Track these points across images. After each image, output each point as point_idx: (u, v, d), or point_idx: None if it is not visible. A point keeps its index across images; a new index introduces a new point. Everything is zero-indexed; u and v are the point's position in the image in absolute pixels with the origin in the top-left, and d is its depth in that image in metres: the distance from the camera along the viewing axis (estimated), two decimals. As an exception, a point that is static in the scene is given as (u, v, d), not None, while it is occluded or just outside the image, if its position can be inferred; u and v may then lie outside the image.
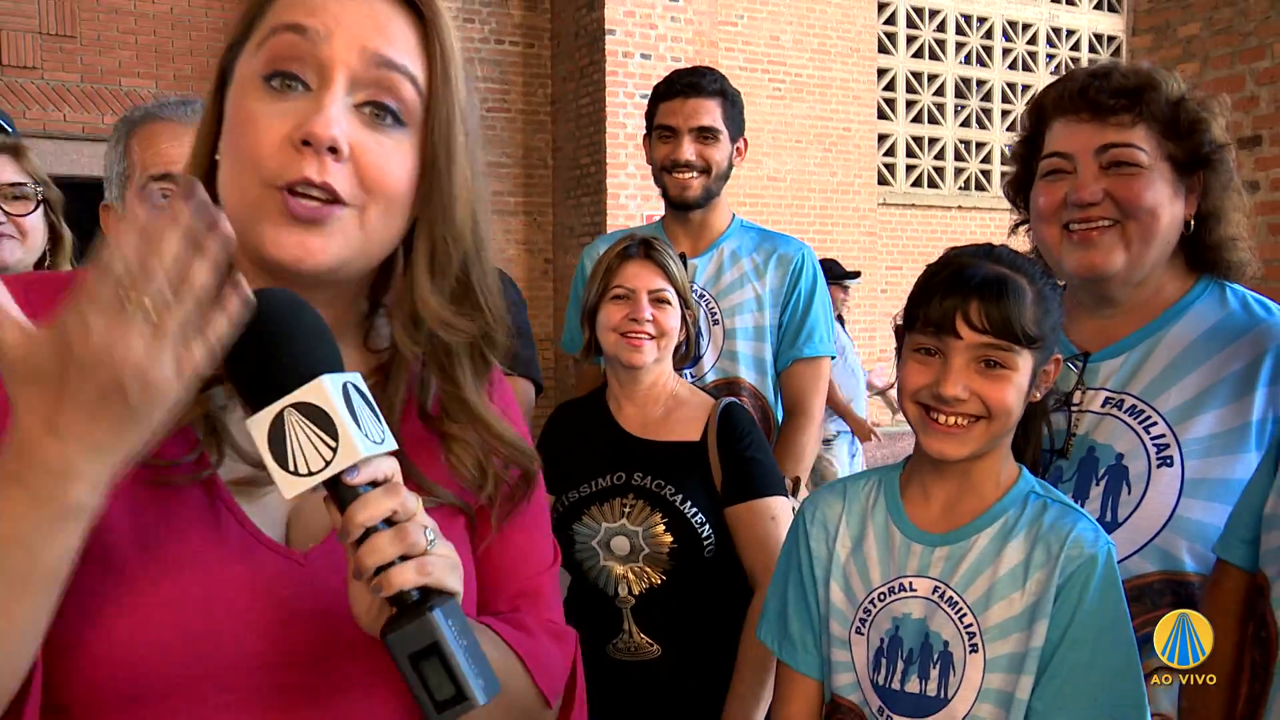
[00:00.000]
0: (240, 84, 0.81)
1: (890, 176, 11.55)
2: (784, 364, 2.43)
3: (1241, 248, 1.46)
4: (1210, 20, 3.94)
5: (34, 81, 7.89)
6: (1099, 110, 1.40)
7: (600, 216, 8.33)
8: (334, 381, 0.71)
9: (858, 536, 1.35)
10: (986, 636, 1.22)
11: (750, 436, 1.87)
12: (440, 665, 0.69)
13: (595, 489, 1.85)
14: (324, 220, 0.79)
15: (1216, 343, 1.40)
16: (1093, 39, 12.59)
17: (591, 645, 1.78)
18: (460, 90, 0.86)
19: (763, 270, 2.41)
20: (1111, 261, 1.40)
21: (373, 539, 0.70)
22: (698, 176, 2.39)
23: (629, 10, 8.29)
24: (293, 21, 0.79)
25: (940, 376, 1.22)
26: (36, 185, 1.95)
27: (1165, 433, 1.39)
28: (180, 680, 0.75)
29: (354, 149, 0.79)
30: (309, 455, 0.70)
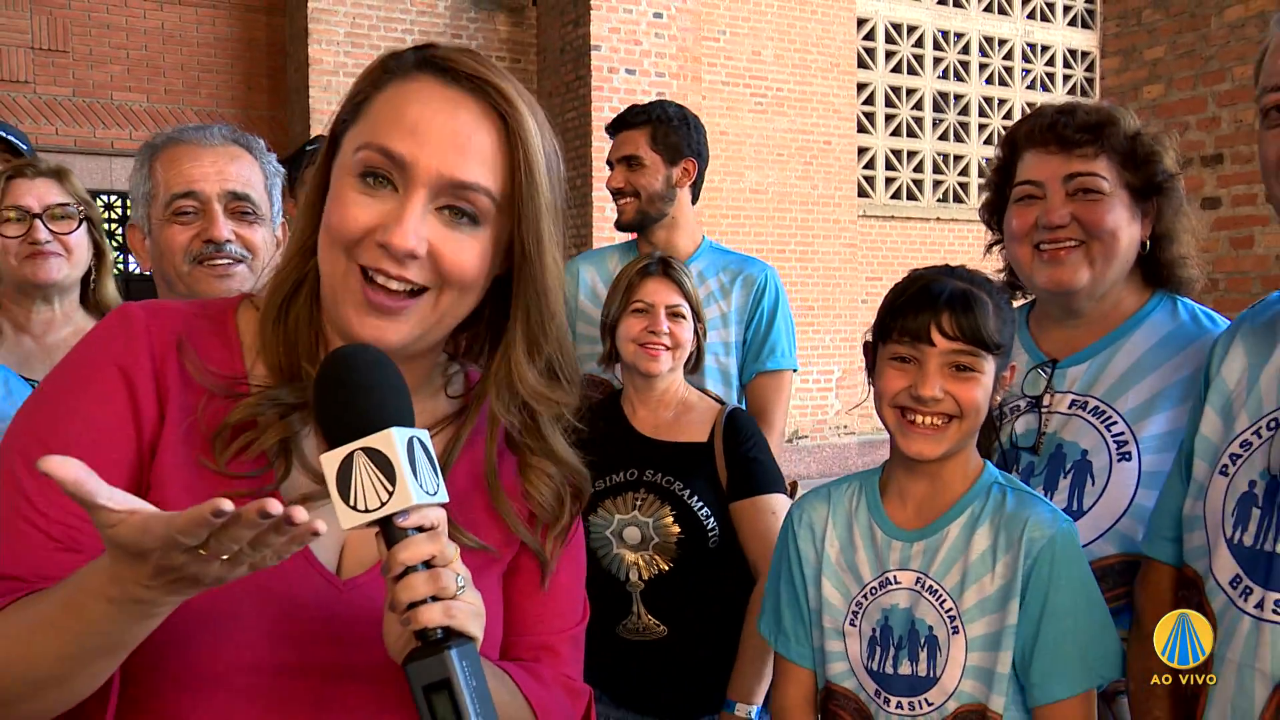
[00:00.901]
0: (342, 167, 0.92)
1: (870, 189, 11.69)
2: (748, 376, 2.60)
3: (1191, 265, 1.62)
4: (1174, 44, 4.12)
5: (26, 96, 7.98)
6: (1066, 143, 1.55)
7: (586, 229, 8.47)
8: (401, 435, 0.81)
9: (845, 537, 1.48)
10: (965, 618, 1.35)
11: (753, 439, 2.02)
12: (448, 700, 0.79)
13: (610, 484, 1.99)
14: (399, 311, 0.90)
15: (1169, 350, 1.56)
16: (1067, 55, 12.77)
17: (603, 626, 1.90)
18: (544, 188, 0.94)
19: (728, 289, 2.58)
20: (1078, 277, 1.55)
21: (410, 577, 0.79)
22: (629, 201, 2.57)
23: (614, 27, 8.45)
24: (384, 147, 0.89)
25: (917, 380, 1.35)
26: (78, 205, 2.06)
27: (1124, 430, 1.54)
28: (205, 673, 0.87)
29: (432, 245, 0.89)
30: (368, 495, 0.80)
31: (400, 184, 0.89)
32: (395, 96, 0.91)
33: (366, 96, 0.94)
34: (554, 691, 1.02)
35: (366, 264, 0.89)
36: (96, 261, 2.12)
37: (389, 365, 0.85)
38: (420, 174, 0.88)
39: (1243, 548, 1.18)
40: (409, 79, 0.92)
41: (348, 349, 0.86)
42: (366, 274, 0.89)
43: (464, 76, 0.91)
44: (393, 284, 0.89)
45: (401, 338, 0.91)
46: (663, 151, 2.56)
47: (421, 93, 0.91)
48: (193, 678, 0.87)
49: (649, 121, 2.57)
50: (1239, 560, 1.18)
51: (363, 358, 0.84)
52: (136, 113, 8.39)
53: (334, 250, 0.90)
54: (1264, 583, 1.14)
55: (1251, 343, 1.31)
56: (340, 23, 8.44)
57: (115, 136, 8.30)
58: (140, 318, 0.92)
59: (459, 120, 0.91)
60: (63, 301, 2.07)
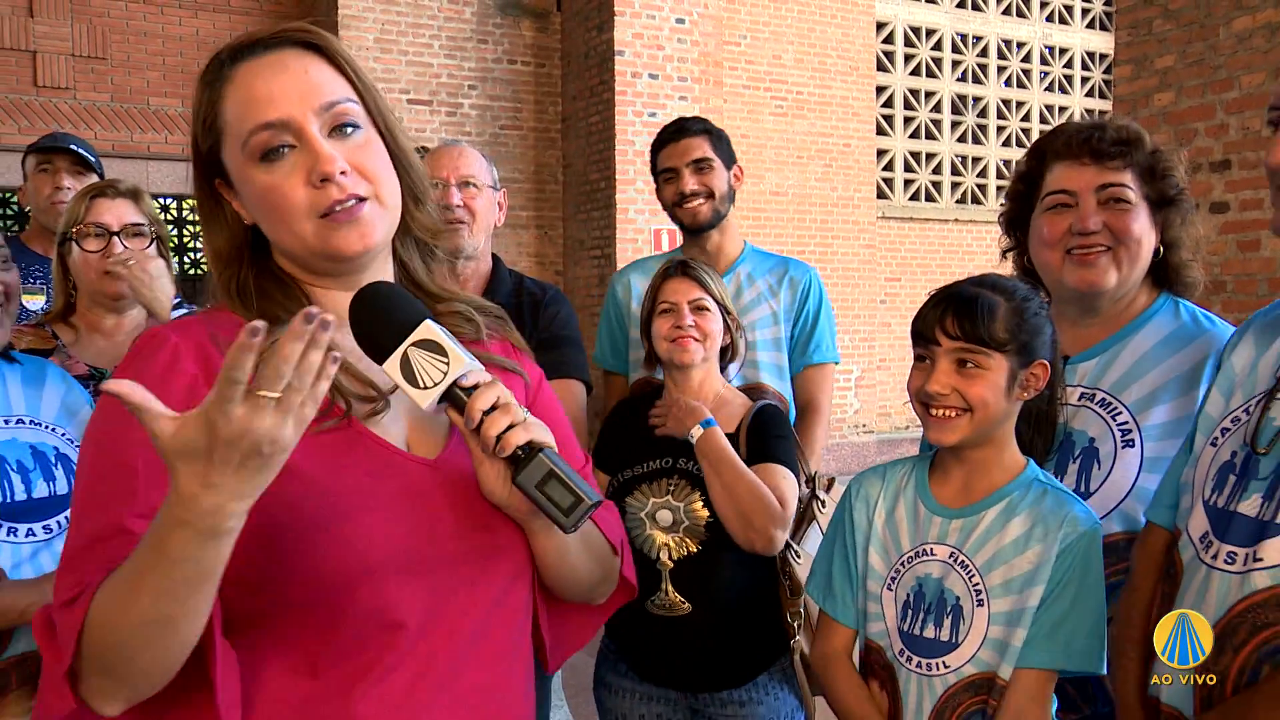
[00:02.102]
0: (242, 170, 1.08)
1: (889, 190, 11.76)
2: (796, 370, 2.78)
3: (1195, 270, 1.78)
4: (1184, 53, 4.24)
5: (67, 101, 8.18)
6: (1099, 156, 1.70)
7: (610, 230, 8.60)
8: (434, 323, 1.03)
9: (892, 509, 1.62)
10: (991, 594, 1.48)
11: (779, 429, 2.17)
12: (559, 484, 1.01)
13: (646, 470, 2.14)
14: (360, 215, 1.08)
15: (1170, 348, 1.70)
16: (1085, 57, 12.83)
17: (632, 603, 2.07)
18: (373, 87, 1.14)
19: (776, 290, 2.76)
20: (1107, 279, 1.70)
21: (490, 418, 1.01)
22: (704, 202, 2.71)
23: (637, 32, 8.57)
24: (259, 123, 1.05)
25: (928, 377, 1.51)
26: (151, 225, 2.24)
27: (1129, 420, 1.68)
28: (384, 562, 1.04)
29: (348, 161, 1.07)
30: (432, 373, 1.02)
31: (295, 138, 1.06)
32: (235, 93, 1.07)
33: (215, 114, 1.09)
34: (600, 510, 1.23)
35: (324, 208, 1.06)
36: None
37: (394, 286, 1.08)
38: (300, 119, 1.06)
39: (1215, 508, 1.32)
40: (234, 75, 1.08)
41: (365, 287, 1.06)
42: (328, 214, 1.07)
43: (266, 42, 1.10)
44: (348, 201, 1.07)
45: (379, 234, 1.11)
46: (723, 157, 2.74)
47: (250, 72, 1.07)
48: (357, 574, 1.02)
49: (707, 130, 2.75)
50: (1210, 518, 1.32)
51: (377, 288, 1.05)
52: (172, 117, 8.59)
53: (292, 221, 1.07)
54: (1222, 537, 1.29)
55: (1259, 335, 1.44)
56: (369, 29, 8.60)
57: (151, 140, 8.50)
58: (169, 334, 1.09)
59: (290, 68, 1.08)
60: (132, 307, 2.25)
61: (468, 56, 9.02)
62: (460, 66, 8.98)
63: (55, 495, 1.68)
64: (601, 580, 1.27)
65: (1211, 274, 2.00)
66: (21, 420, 1.71)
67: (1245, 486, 1.29)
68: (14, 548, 1.59)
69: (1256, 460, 1.28)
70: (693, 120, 2.81)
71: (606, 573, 1.27)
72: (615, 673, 2.22)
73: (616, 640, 2.21)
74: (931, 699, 1.50)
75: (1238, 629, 1.23)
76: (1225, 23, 4.11)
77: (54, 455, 1.72)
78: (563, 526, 1.02)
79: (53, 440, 1.74)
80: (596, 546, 1.22)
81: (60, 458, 1.73)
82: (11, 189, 8.35)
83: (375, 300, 1.04)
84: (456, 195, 2.35)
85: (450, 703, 1.08)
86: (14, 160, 7.89)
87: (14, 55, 8.00)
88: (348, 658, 1.04)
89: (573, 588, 1.24)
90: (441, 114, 8.88)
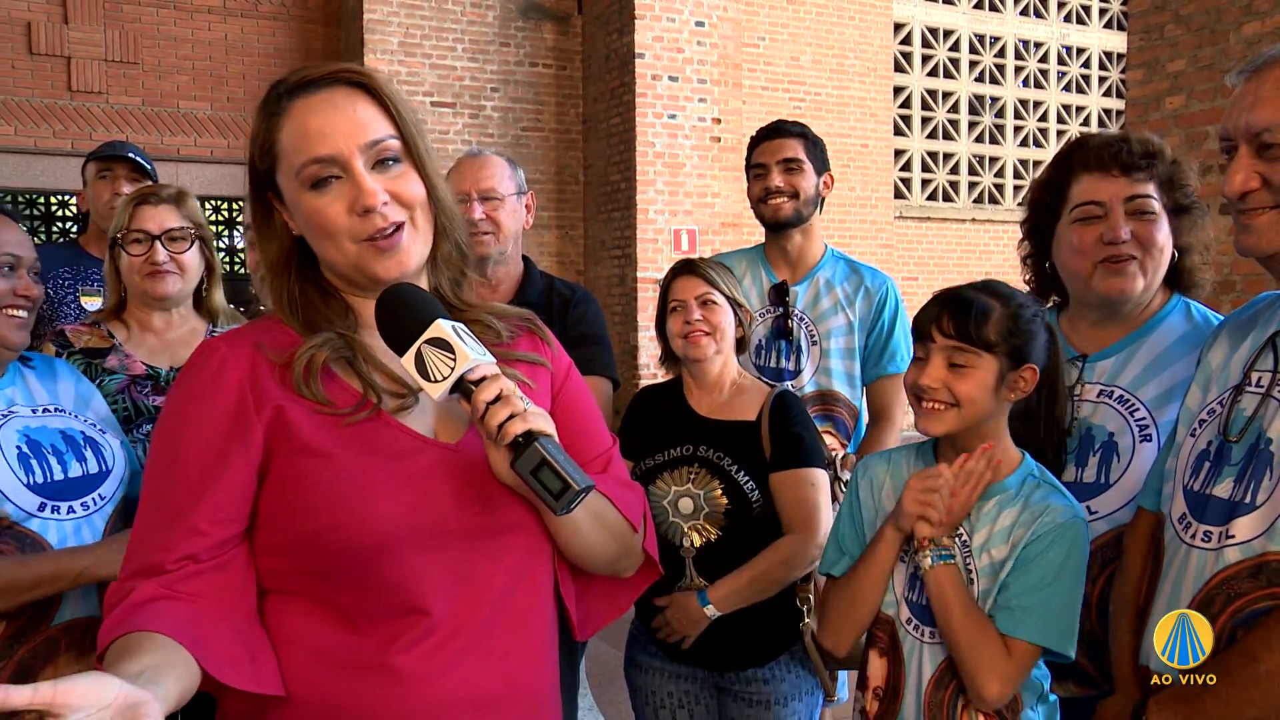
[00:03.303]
0: (295, 194, 1.22)
1: (906, 191, 11.85)
2: (869, 379, 2.88)
3: (1205, 273, 1.89)
4: (1195, 58, 4.33)
5: (100, 105, 8.37)
6: (1128, 168, 1.79)
7: (630, 231, 8.71)
8: (445, 322, 1.16)
9: (898, 489, 1.72)
10: (979, 573, 1.59)
11: (797, 417, 2.25)
12: (550, 471, 1.12)
13: (668, 458, 2.25)
14: (399, 243, 1.21)
15: (1185, 348, 1.80)
16: (1103, 57, 12.86)
17: (660, 586, 2.13)
18: (412, 112, 1.26)
19: (853, 299, 2.85)
20: (1135, 286, 1.79)
21: (492, 409, 1.13)
22: (788, 201, 2.82)
23: (657, 35, 8.68)
24: (311, 157, 1.19)
25: (922, 371, 1.62)
26: (192, 228, 2.35)
27: (1146, 416, 1.78)
28: (403, 535, 1.19)
29: (388, 190, 1.20)
30: (441, 369, 1.14)
31: (341, 171, 1.19)
32: (290, 125, 1.20)
33: (271, 140, 1.23)
34: (617, 487, 1.36)
35: (367, 236, 1.20)
36: (208, 274, 2.42)
37: (415, 287, 1.21)
38: (347, 155, 1.19)
39: (1192, 492, 1.44)
40: (290, 108, 1.21)
41: (388, 289, 1.19)
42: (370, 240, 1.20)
43: (320, 80, 1.22)
44: (388, 229, 1.20)
45: (414, 260, 1.24)
46: (814, 162, 2.84)
47: (305, 108, 1.20)
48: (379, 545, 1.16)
49: (803, 134, 2.86)
50: (1188, 502, 1.44)
51: (399, 289, 1.19)
52: (202, 120, 8.76)
53: (337, 242, 1.21)
54: (1199, 518, 1.40)
55: (1232, 334, 1.55)
56: (394, 33, 8.75)
57: (182, 143, 8.67)
58: (220, 344, 1.24)
59: (340, 107, 1.21)
60: (179, 307, 2.38)
61: (490, 59, 9.15)
62: (483, 69, 9.12)
63: (87, 475, 1.83)
64: (622, 555, 1.38)
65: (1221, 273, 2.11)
66: (48, 409, 1.86)
67: (1219, 471, 1.40)
68: (58, 525, 1.74)
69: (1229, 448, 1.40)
70: (791, 123, 2.92)
71: (626, 549, 1.38)
72: (645, 653, 2.33)
73: (645, 622, 2.32)
74: (932, 665, 1.61)
75: (1214, 600, 1.34)
76: (1235, 28, 4.20)
77: (81, 438, 1.86)
78: (553, 509, 1.14)
79: (78, 425, 1.88)
80: (613, 524, 1.33)
81: (87, 440, 1.87)
82: (46, 190, 8.56)
83: (394, 303, 1.18)
84: (479, 209, 2.45)
85: (478, 660, 1.21)
86: (50, 163, 8.15)
87: (49, 61, 8.19)
88: (382, 621, 1.18)
89: (592, 562, 1.36)
90: (465, 116, 9.02)
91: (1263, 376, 1.39)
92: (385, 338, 1.18)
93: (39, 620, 1.69)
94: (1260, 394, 1.38)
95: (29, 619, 1.68)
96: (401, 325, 1.17)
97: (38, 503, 1.73)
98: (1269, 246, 1.37)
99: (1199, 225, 1.84)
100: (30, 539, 1.69)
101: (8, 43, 8.06)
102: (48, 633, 1.70)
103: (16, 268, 1.81)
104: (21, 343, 1.81)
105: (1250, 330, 1.47)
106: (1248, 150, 1.35)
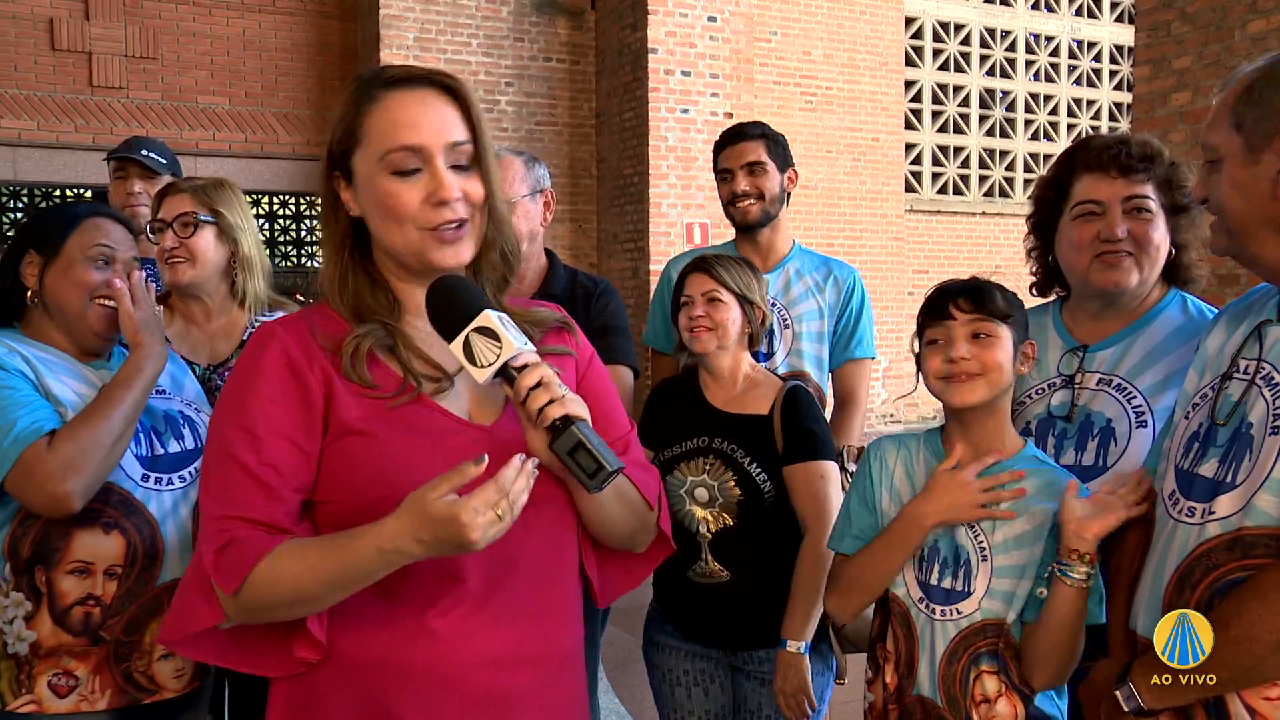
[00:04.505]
0: (373, 176, 1.30)
1: (917, 184, 11.88)
2: (836, 364, 2.98)
3: (1201, 269, 1.98)
4: (1201, 55, 4.39)
5: (120, 100, 8.48)
6: (1126, 170, 1.88)
7: (643, 224, 8.80)
8: (493, 313, 1.24)
9: (907, 472, 1.83)
10: (994, 550, 1.69)
11: (809, 411, 2.32)
12: (585, 453, 1.22)
13: (684, 449, 2.33)
14: (461, 236, 1.31)
15: (1179, 339, 1.89)
16: (1114, 50, 12.88)
17: (676, 570, 2.26)
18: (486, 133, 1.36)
19: (823, 286, 2.95)
20: (1129, 280, 1.89)
21: (534, 394, 1.22)
22: (755, 203, 2.91)
23: (670, 30, 8.76)
24: (401, 144, 1.28)
25: (948, 349, 1.71)
26: (205, 213, 2.35)
27: (1143, 403, 1.87)
28: None
29: (461, 190, 1.30)
30: (488, 355, 1.23)
31: (423, 163, 1.29)
32: (383, 113, 1.29)
33: (358, 123, 1.32)
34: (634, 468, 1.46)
35: (434, 226, 1.29)
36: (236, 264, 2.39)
37: (463, 279, 1.31)
38: (433, 149, 1.29)
39: (1182, 471, 1.52)
40: (384, 97, 1.30)
41: (441, 278, 1.28)
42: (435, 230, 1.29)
43: (415, 78, 1.32)
44: (454, 223, 1.30)
45: (467, 255, 1.34)
46: (777, 161, 2.93)
47: (400, 100, 1.30)
48: None
49: (764, 135, 2.95)
50: (1177, 480, 1.53)
51: (451, 279, 1.29)
52: (220, 115, 8.88)
53: (404, 229, 1.31)
54: (1186, 495, 1.49)
55: (1229, 322, 1.62)
56: (410, 28, 8.84)
57: (200, 138, 8.78)
58: (275, 328, 1.35)
59: (431, 105, 1.31)
60: (211, 298, 2.39)
61: (504, 54, 9.24)
62: (497, 64, 9.21)
63: (185, 450, 1.97)
64: (639, 530, 1.49)
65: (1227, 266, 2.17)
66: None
67: (1206, 452, 1.49)
68: (158, 495, 1.89)
69: (1216, 430, 1.49)
70: (752, 125, 3.01)
71: (643, 524, 1.49)
72: (662, 633, 2.42)
73: (663, 604, 2.41)
74: (945, 640, 1.71)
75: (1194, 570, 1.43)
76: (1241, 25, 4.26)
77: (180, 418, 2.00)
78: (587, 488, 1.24)
79: (177, 405, 2.02)
80: (632, 502, 1.44)
81: (185, 419, 2.00)
82: (67, 184, 8.69)
83: (445, 292, 1.27)
84: None
85: (510, 622, 1.33)
86: (71, 158, 8.28)
87: (71, 56, 8.31)
88: (422, 588, 1.29)
89: (612, 536, 1.47)
90: (479, 110, 9.09)
91: (1249, 364, 1.48)
92: (435, 324, 1.27)
93: (146, 581, 1.84)
94: (1246, 381, 1.47)
95: (137, 580, 1.83)
96: (451, 313, 1.26)
97: (142, 474, 1.88)
98: (1216, 249, 1.51)
99: (1196, 223, 1.92)
100: (135, 505, 1.85)
101: (30, 39, 8.18)
102: (154, 591, 1.86)
103: (112, 261, 1.91)
104: (107, 331, 1.92)
105: (1244, 319, 1.56)
106: (1203, 164, 1.48)
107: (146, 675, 1.86)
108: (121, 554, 1.82)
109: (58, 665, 1.79)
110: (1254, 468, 1.39)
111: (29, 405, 1.75)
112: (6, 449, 1.69)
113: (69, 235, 1.90)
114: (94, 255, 1.89)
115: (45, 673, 1.78)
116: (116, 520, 1.82)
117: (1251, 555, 1.36)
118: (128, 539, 1.82)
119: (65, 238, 1.90)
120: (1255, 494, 1.37)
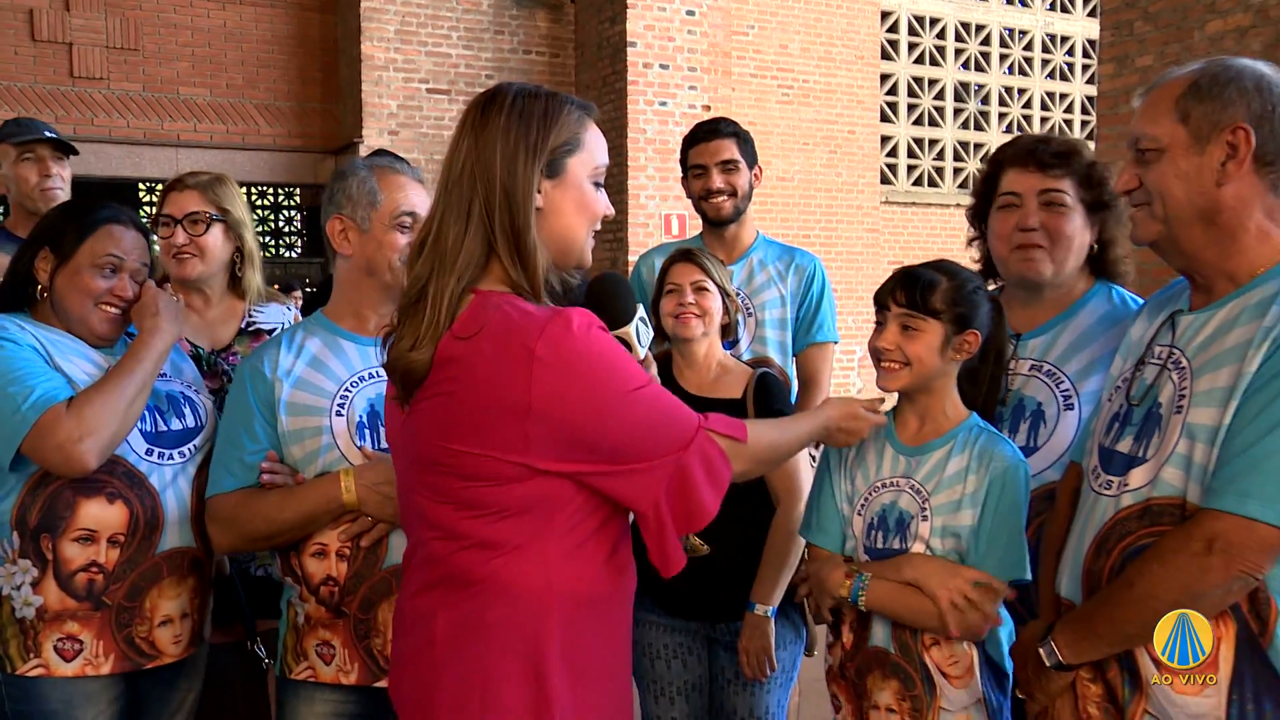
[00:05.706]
0: (583, 181, 1.49)
1: (892, 176, 12.01)
2: (799, 348, 3.08)
3: (1127, 263, 2.10)
4: (1162, 54, 4.53)
5: (101, 91, 8.51)
6: (1043, 165, 2.01)
7: (622, 215, 8.87)
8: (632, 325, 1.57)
9: (863, 447, 1.95)
10: (934, 511, 1.81)
11: (779, 394, 2.46)
12: None
13: None
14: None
15: (1105, 326, 2.01)
16: (1086, 45, 12.99)
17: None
18: None
19: (784, 275, 3.05)
20: (1043, 270, 2.01)
21: None
22: (728, 200, 3.02)
23: (649, 24, 8.86)
24: (604, 164, 1.53)
25: (880, 336, 1.85)
26: (215, 212, 2.44)
27: (1070, 388, 2.00)
28: None
29: None
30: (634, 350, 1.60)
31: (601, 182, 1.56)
32: (594, 135, 1.51)
33: (579, 136, 1.50)
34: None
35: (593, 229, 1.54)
36: (240, 257, 2.51)
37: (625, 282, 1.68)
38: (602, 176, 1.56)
39: (1103, 448, 1.65)
40: (590, 122, 1.51)
41: (599, 277, 1.66)
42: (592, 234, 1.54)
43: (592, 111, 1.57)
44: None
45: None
46: (748, 159, 3.04)
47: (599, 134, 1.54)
48: None
49: (736, 133, 3.06)
50: (1099, 456, 1.66)
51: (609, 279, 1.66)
52: (201, 106, 8.91)
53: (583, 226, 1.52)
54: (1106, 469, 1.62)
55: (1152, 311, 1.74)
56: (390, 20, 8.90)
57: (181, 129, 8.82)
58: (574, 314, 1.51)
59: None
60: (210, 288, 2.50)
61: (485, 47, 9.31)
62: (478, 57, 9.29)
63: (186, 428, 2.08)
64: None
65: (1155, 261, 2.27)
66: None
67: (1123, 430, 1.62)
68: (159, 469, 2.00)
69: (1132, 410, 1.62)
70: (725, 123, 3.11)
71: None
72: (641, 608, 2.53)
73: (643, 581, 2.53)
74: None
75: (1109, 537, 1.56)
76: (1200, 25, 4.40)
77: (181, 398, 2.10)
78: None
79: (178, 387, 2.12)
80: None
81: (186, 399, 2.11)
82: (48, 175, 8.68)
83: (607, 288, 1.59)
84: None
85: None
86: (52, 148, 8.24)
87: (51, 47, 8.33)
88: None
89: None
90: (459, 103, 9.15)
91: (1162, 350, 1.61)
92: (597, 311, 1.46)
93: (146, 549, 1.95)
94: (1159, 365, 1.60)
95: (138, 548, 1.94)
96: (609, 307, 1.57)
97: (146, 448, 1.99)
98: (1144, 236, 1.59)
99: (1121, 221, 2.02)
100: (138, 477, 1.96)
101: (10, 29, 8.20)
102: (154, 560, 1.96)
103: (119, 270, 2.00)
104: (110, 334, 2.02)
105: (1164, 309, 1.69)
106: (1132, 155, 1.58)
107: (148, 641, 1.95)
108: (125, 523, 1.92)
109: (62, 630, 1.89)
110: (1161, 444, 1.52)
111: (45, 375, 1.86)
112: (25, 412, 1.79)
113: (83, 241, 1.98)
114: (102, 264, 1.97)
115: (51, 637, 1.88)
116: (120, 491, 1.92)
117: (1159, 523, 1.50)
118: (131, 509, 1.93)
119: (79, 244, 1.97)
120: (1162, 468, 1.50)
